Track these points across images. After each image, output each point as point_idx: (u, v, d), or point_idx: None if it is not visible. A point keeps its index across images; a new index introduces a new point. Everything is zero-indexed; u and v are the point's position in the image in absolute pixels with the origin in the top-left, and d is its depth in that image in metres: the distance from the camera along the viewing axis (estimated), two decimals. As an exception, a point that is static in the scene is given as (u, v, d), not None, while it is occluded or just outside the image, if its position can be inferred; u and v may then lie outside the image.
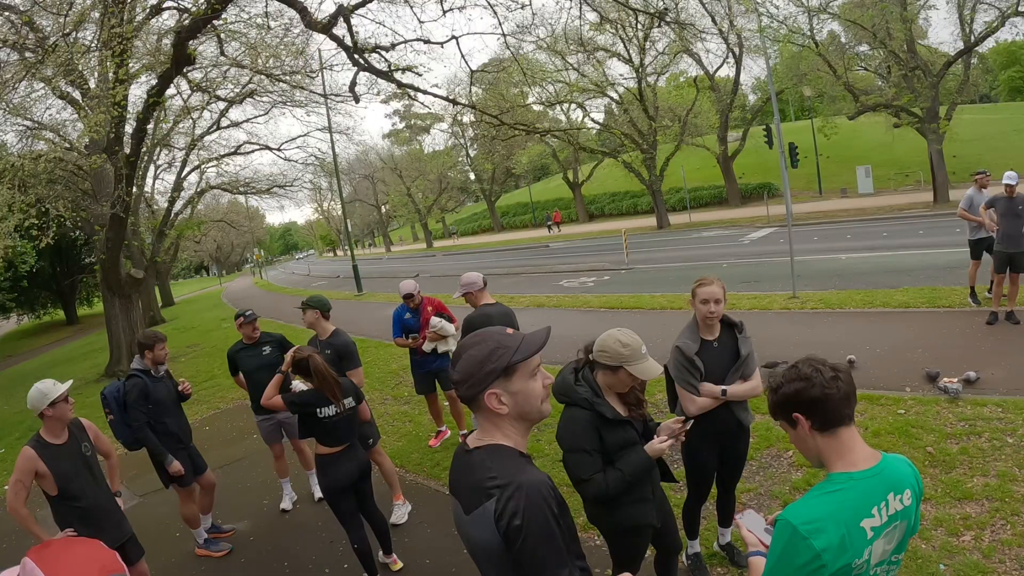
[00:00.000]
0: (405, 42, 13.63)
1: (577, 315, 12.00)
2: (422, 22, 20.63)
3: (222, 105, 21.50)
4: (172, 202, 26.02)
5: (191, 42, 11.67)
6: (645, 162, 29.67)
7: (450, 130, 53.17)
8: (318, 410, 4.01)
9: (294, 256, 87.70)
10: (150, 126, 14.35)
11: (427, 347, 6.08)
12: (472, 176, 59.65)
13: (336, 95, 19.34)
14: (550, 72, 29.44)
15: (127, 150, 12.67)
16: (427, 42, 13.84)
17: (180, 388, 5.12)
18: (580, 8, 17.54)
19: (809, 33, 23.49)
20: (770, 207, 26.43)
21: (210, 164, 27.16)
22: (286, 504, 5.82)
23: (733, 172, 34.53)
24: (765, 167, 34.49)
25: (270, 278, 50.80)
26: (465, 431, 6.50)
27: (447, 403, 6.77)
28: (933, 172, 22.49)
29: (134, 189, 15.80)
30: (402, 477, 5.78)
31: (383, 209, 65.28)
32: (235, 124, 25.88)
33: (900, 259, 12.75)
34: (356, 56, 13.13)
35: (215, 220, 44.38)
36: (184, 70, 13.00)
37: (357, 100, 14.61)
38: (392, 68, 13.21)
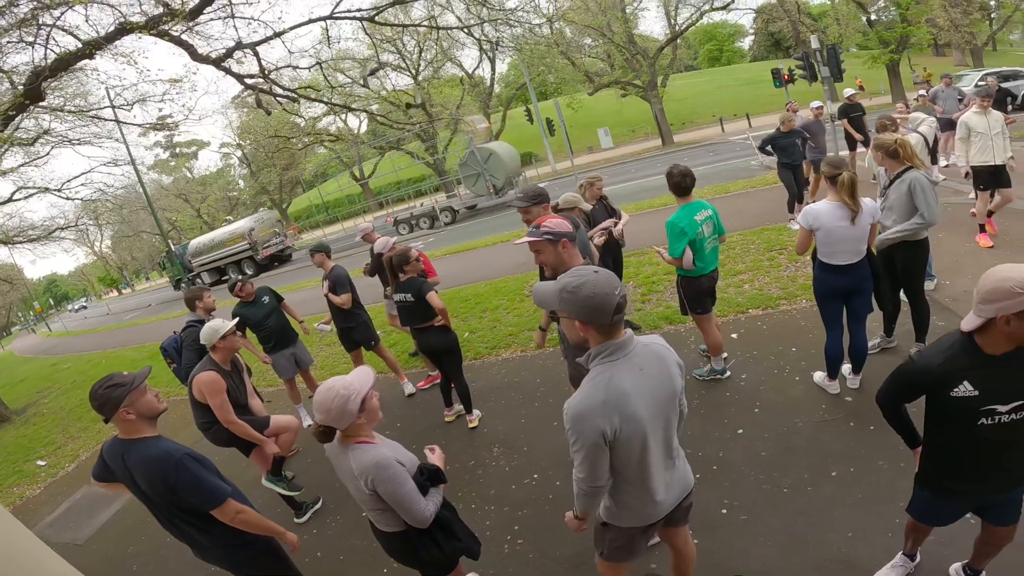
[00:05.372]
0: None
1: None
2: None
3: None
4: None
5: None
6: (428, 149, 33.91)
7: (220, 152, 51.01)
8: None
9: (68, 307, 75.14)
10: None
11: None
12: (242, 191, 57.56)
13: (157, 124, 18.09)
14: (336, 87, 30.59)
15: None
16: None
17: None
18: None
19: (550, 35, 28.75)
20: (538, 168, 33.03)
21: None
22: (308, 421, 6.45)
23: (499, 148, 40.24)
24: (524, 140, 40.60)
25: (65, 327, 43.90)
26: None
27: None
28: (659, 125, 29.64)
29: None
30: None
31: (171, 234, 59.38)
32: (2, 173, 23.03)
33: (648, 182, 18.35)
34: (247, 81, 14.44)
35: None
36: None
37: (296, 100, 16.33)
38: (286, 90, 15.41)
